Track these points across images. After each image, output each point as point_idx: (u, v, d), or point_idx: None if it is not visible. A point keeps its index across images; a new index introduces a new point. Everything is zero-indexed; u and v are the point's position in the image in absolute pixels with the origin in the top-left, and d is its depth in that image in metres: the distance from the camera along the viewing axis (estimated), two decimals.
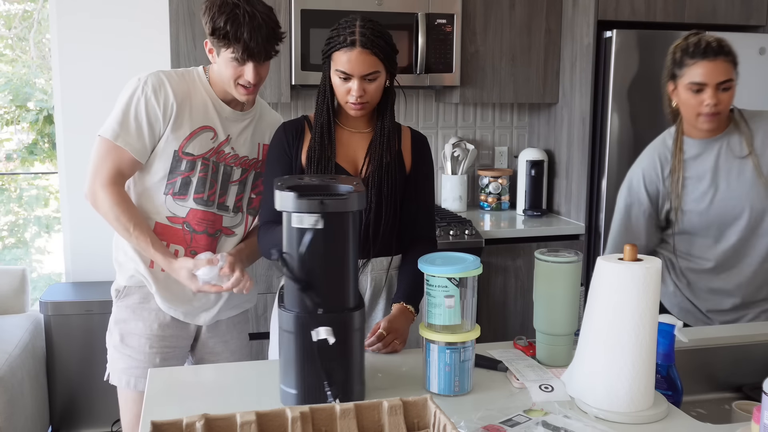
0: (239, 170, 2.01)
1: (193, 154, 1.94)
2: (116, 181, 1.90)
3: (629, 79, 3.11)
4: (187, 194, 1.95)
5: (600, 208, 3.21)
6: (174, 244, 1.97)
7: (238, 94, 1.91)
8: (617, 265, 1.32)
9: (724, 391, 1.78)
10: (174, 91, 1.91)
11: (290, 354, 1.38)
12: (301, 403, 1.36)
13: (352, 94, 1.78)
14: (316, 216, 1.34)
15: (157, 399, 1.45)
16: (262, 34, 1.81)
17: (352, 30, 1.75)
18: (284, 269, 1.36)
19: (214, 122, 1.96)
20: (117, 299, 2.02)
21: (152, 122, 1.90)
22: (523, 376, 1.52)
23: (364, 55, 1.74)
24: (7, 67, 4.17)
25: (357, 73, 1.75)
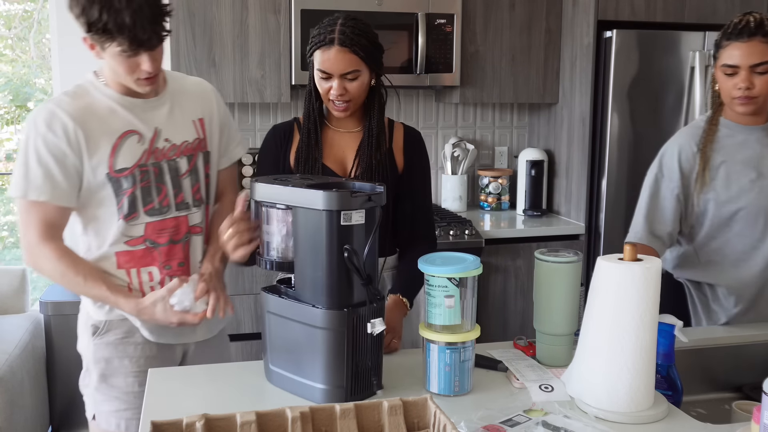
0: (184, 160, 1.80)
1: (127, 167, 1.72)
2: (50, 236, 1.70)
3: (629, 79, 3.11)
4: (137, 211, 1.74)
5: (600, 208, 3.21)
6: (145, 268, 1.77)
7: (139, 87, 1.69)
8: (617, 265, 1.32)
9: (724, 391, 1.78)
10: (71, 115, 1.67)
11: (336, 351, 1.40)
12: (348, 398, 1.40)
13: (332, 93, 1.77)
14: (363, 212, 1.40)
15: (157, 399, 1.45)
16: (146, 16, 1.55)
17: (332, 28, 1.74)
18: (352, 267, 1.38)
19: (132, 124, 1.73)
20: (95, 336, 1.79)
21: (61, 160, 1.66)
22: (523, 376, 1.52)
23: (343, 53, 1.73)
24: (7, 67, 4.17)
25: (336, 72, 1.74)
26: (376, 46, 1.79)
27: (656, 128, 3.16)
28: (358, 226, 1.39)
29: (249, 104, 3.43)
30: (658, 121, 3.16)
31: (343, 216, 1.37)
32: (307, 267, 1.43)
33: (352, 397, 1.40)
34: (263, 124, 3.47)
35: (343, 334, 1.39)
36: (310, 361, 1.43)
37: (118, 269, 1.76)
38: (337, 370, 1.40)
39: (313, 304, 1.41)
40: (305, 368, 1.44)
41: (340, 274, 1.39)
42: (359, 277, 1.39)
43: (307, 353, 1.43)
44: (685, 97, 3.16)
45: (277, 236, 1.48)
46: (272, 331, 1.50)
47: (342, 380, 1.41)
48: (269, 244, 1.50)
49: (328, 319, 1.39)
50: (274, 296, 1.49)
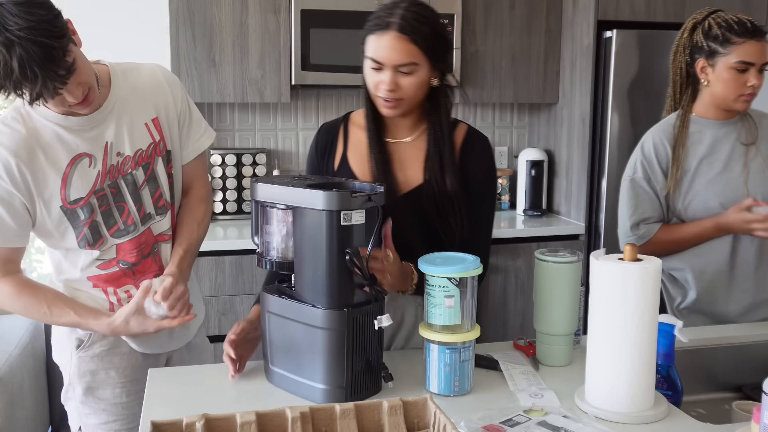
0: (140, 170, 1.68)
1: (82, 197, 1.62)
2: (6, 272, 1.62)
3: (629, 79, 3.10)
4: (102, 236, 1.65)
5: (600, 208, 3.21)
6: (121, 288, 1.71)
7: (79, 112, 1.57)
8: (617, 265, 1.32)
9: (724, 391, 1.78)
10: (13, 153, 1.55)
11: (336, 351, 1.39)
12: (348, 398, 1.39)
13: (382, 87, 1.54)
14: (363, 212, 1.39)
15: (157, 399, 1.45)
16: (38, 66, 1.36)
17: (392, 11, 1.51)
18: (355, 269, 1.38)
19: (81, 145, 1.61)
20: (79, 350, 1.72)
21: (8, 202, 1.57)
22: (515, 383, 1.51)
23: (400, 41, 1.50)
24: None
25: (389, 62, 1.51)
26: (441, 39, 1.57)
27: None
28: (358, 226, 1.39)
29: (249, 104, 3.43)
30: (657, 121, 3.15)
31: (343, 216, 1.37)
32: (306, 267, 1.42)
33: (352, 397, 1.40)
34: (263, 124, 3.47)
35: (343, 334, 1.39)
36: (310, 361, 1.42)
37: (94, 288, 1.70)
38: (337, 370, 1.40)
39: (313, 304, 1.41)
40: (305, 368, 1.44)
41: (340, 274, 1.39)
42: (363, 277, 1.39)
43: (307, 353, 1.43)
44: None
45: (277, 236, 1.47)
46: (272, 331, 1.50)
47: (342, 380, 1.40)
48: (269, 244, 1.49)
49: (328, 319, 1.39)
50: (274, 296, 1.48)
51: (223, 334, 2.88)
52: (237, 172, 3.30)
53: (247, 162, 3.30)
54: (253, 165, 3.31)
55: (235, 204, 3.30)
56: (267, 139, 3.48)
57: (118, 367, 1.74)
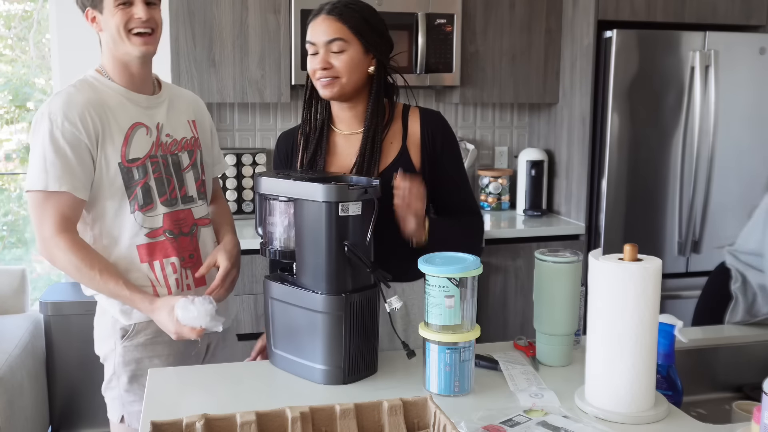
0: (186, 154, 1.86)
1: (139, 158, 1.75)
2: (66, 229, 1.68)
3: (629, 79, 3.11)
4: (153, 202, 1.77)
5: (600, 208, 3.21)
6: (167, 259, 1.79)
7: (135, 46, 1.71)
8: (617, 265, 1.32)
9: (724, 391, 1.78)
10: (87, 104, 1.70)
11: (335, 334, 1.49)
12: (345, 378, 1.50)
13: (316, 66, 1.65)
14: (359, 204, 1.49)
15: (157, 399, 1.45)
16: None
17: (325, 4, 1.67)
18: (355, 258, 1.48)
19: (139, 116, 1.77)
20: (124, 340, 1.78)
21: (80, 152, 1.68)
22: (515, 383, 1.51)
23: (328, 21, 1.64)
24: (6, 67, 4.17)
25: (320, 41, 1.64)
26: (370, 24, 1.67)
27: (656, 128, 3.17)
28: (355, 216, 1.49)
29: (249, 104, 3.43)
30: (658, 121, 3.16)
31: (341, 207, 1.47)
32: (307, 255, 1.52)
33: (350, 377, 1.50)
34: (263, 124, 3.47)
35: (341, 318, 1.48)
36: (311, 344, 1.51)
37: (141, 264, 1.77)
38: (335, 352, 1.49)
39: (313, 290, 1.50)
40: (306, 350, 1.52)
41: (338, 262, 1.48)
42: (365, 266, 1.49)
43: (307, 336, 1.52)
44: (685, 97, 3.16)
45: (279, 227, 1.57)
46: (275, 316, 1.59)
47: (340, 361, 1.49)
48: (272, 234, 1.59)
49: (327, 303, 1.48)
50: (277, 283, 1.58)
51: None
52: (237, 172, 3.30)
53: (247, 162, 3.30)
54: (253, 165, 3.31)
55: (235, 204, 3.30)
56: (267, 139, 3.49)
57: (161, 354, 1.80)
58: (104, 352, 1.84)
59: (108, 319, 1.81)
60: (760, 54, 3.21)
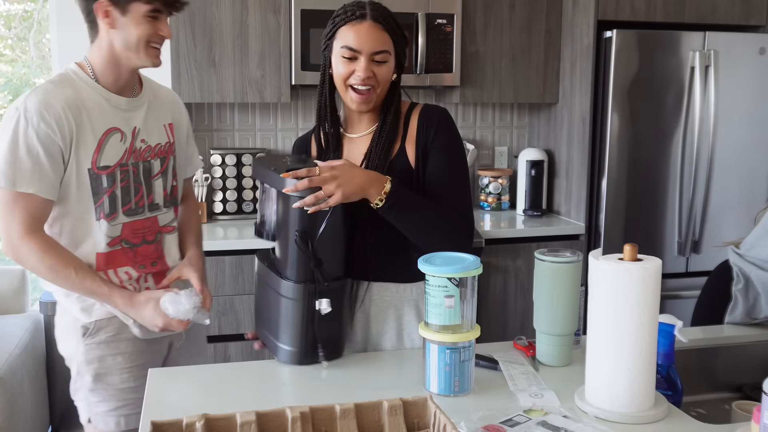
0: (158, 161, 1.82)
1: (109, 166, 1.71)
2: (35, 229, 1.65)
3: (629, 79, 3.11)
4: (116, 211, 1.73)
5: (600, 208, 3.21)
6: (121, 267, 1.76)
7: (147, 59, 1.71)
8: (617, 265, 1.32)
9: (724, 391, 1.78)
10: (64, 105, 1.65)
11: (295, 319, 1.57)
12: (301, 360, 1.58)
13: (358, 75, 1.57)
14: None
15: (157, 399, 1.45)
16: None
17: (362, 4, 1.60)
18: (302, 248, 1.53)
19: (116, 121, 1.73)
20: (85, 337, 1.76)
21: (51, 151, 1.63)
22: (515, 383, 1.51)
23: (376, 29, 1.56)
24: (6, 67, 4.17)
25: (366, 49, 1.56)
26: (404, 34, 1.64)
27: (656, 128, 3.17)
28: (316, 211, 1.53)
29: (249, 104, 3.43)
30: (658, 121, 3.16)
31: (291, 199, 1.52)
32: (281, 242, 1.62)
33: (305, 359, 1.58)
34: (263, 124, 3.47)
35: (300, 306, 1.56)
36: (277, 323, 1.60)
37: (97, 272, 1.73)
38: (295, 335, 1.57)
39: (282, 275, 1.58)
40: (274, 329, 1.61)
41: (299, 252, 1.54)
42: (308, 258, 1.53)
43: (275, 315, 1.61)
44: (685, 97, 3.16)
45: (269, 210, 1.65)
46: (257, 292, 1.72)
47: (299, 345, 1.57)
48: (264, 216, 1.67)
49: (291, 290, 1.56)
50: (260, 262, 1.69)
51: (223, 335, 2.90)
52: (237, 172, 3.30)
53: (247, 162, 3.30)
54: None
55: (235, 204, 3.30)
56: (267, 139, 3.49)
57: (124, 352, 1.78)
58: (68, 352, 1.82)
59: (69, 318, 1.79)
60: (760, 54, 3.21)
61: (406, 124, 1.70)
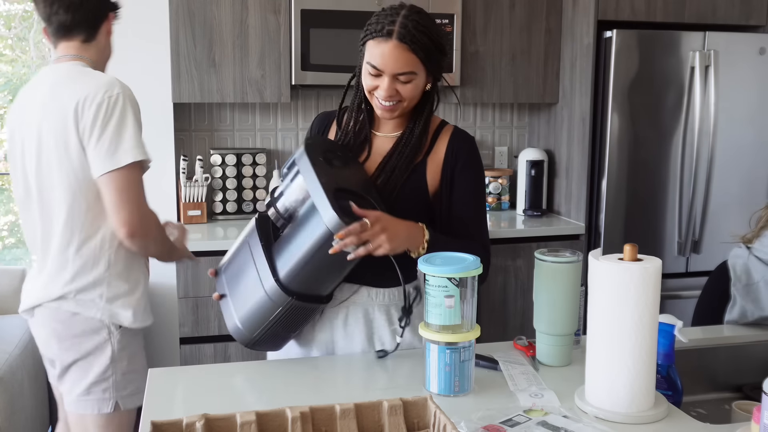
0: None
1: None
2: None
3: (629, 79, 3.10)
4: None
5: (600, 208, 3.21)
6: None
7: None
8: (617, 265, 1.32)
9: (724, 391, 1.78)
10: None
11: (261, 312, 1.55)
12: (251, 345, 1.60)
13: (380, 92, 1.57)
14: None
15: (157, 399, 1.45)
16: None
17: (393, 19, 1.53)
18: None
19: None
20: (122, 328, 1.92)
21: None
22: (515, 383, 1.51)
23: (400, 50, 1.52)
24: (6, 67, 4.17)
25: (389, 70, 1.54)
26: (438, 47, 1.58)
27: (656, 128, 3.17)
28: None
29: (249, 104, 3.43)
30: (658, 121, 3.16)
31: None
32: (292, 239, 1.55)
33: (253, 346, 1.60)
34: (263, 124, 3.47)
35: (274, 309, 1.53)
36: (243, 300, 1.58)
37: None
38: (254, 324, 1.56)
39: (274, 267, 1.54)
40: (237, 299, 1.59)
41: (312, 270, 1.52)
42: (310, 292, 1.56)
43: (244, 292, 1.58)
44: (685, 97, 3.16)
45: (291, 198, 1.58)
46: (240, 252, 1.64)
47: (252, 333, 1.57)
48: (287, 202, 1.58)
49: (274, 292, 1.53)
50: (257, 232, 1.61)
51: (223, 335, 2.90)
52: (237, 172, 3.30)
53: (247, 162, 3.30)
54: (253, 165, 3.31)
55: (235, 204, 3.30)
56: (267, 139, 3.49)
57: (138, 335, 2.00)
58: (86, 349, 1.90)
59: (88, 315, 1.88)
60: (760, 54, 3.21)
61: (433, 140, 1.68)
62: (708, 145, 3.18)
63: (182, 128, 3.37)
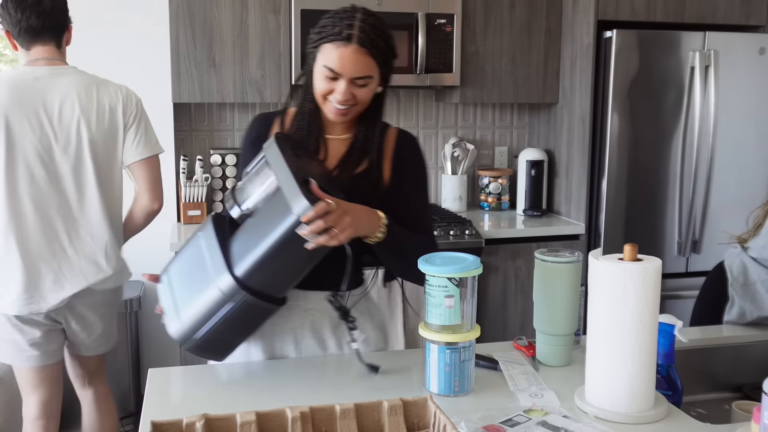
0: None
1: None
2: None
3: (629, 79, 3.11)
4: None
5: (600, 208, 3.21)
6: None
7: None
8: (617, 265, 1.32)
9: (724, 391, 1.78)
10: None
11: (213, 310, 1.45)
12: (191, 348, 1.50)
13: (336, 96, 1.55)
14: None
15: (157, 399, 1.45)
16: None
17: (351, 23, 1.52)
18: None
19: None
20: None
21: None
22: (515, 383, 1.51)
23: (360, 54, 1.52)
24: (6, 67, 4.17)
25: (348, 74, 1.53)
26: (391, 50, 1.59)
27: (656, 128, 3.17)
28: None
29: (249, 104, 3.43)
30: (658, 121, 3.16)
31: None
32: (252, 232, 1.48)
33: (195, 349, 1.50)
34: None
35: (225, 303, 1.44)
36: (190, 295, 1.48)
37: None
38: (200, 321, 1.46)
39: (230, 261, 1.45)
40: (183, 297, 1.49)
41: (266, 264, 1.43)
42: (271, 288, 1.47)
43: (193, 287, 1.48)
44: (685, 97, 3.16)
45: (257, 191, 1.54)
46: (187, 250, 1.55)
47: (197, 331, 1.47)
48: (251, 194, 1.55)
49: (228, 285, 1.43)
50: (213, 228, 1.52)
51: None
52: (237, 173, 3.29)
53: None
54: None
55: None
56: None
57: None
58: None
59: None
60: (760, 54, 3.21)
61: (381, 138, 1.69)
62: (708, 145, 3.18)
63: (182, 128, 3.37)
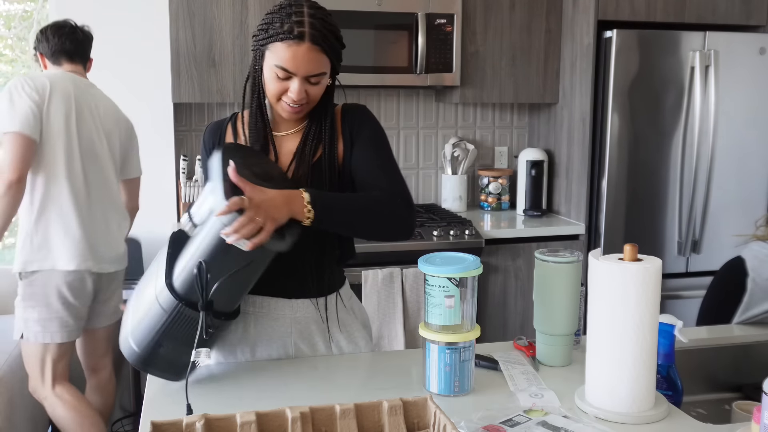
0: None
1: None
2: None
3: (629, 79, 3.11)
4: None
5: (600, 208, 3.21)
6: None
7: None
8: (617, 265, 1.32)
9: (724, 391, 1.78)
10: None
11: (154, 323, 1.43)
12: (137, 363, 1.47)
13: (290, 95, 1.51)
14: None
15: (157, 399, 1.45)
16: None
17: (300, 19, 1.46)
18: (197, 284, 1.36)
19: None
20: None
21: None
22: (515, 383, 1.51)
23: (314, 52, 1.47)
24: (6, 67, 4.17)
25: (301, 73, 1.49)
26: (341, 42, 1.55)
27: (656, 128, 3.17)
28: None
29: None
30: (658, 121, 3.16)
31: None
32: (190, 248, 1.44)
33: (144, 366, 1.47)
34: None
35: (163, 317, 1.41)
36: (137, 310, 1.46)
37: None
38: (142, 335, 1.44)
39: (171, 272, 1.42)
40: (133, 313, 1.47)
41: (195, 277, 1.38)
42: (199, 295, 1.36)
43: (141, 302, 1.46)
44: (685, 97, 3.16)
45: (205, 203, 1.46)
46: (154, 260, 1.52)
47: (141, 346, 1.45)
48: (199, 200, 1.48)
49: (164, 295, 1.41)
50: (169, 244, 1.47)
51: None
52: None
53: None
54: None
55: None
56: None
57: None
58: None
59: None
60: (760, 54, 3.21)
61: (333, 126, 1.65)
62: (708, 145, 3.18)
63: (182, 128, 3.37)
